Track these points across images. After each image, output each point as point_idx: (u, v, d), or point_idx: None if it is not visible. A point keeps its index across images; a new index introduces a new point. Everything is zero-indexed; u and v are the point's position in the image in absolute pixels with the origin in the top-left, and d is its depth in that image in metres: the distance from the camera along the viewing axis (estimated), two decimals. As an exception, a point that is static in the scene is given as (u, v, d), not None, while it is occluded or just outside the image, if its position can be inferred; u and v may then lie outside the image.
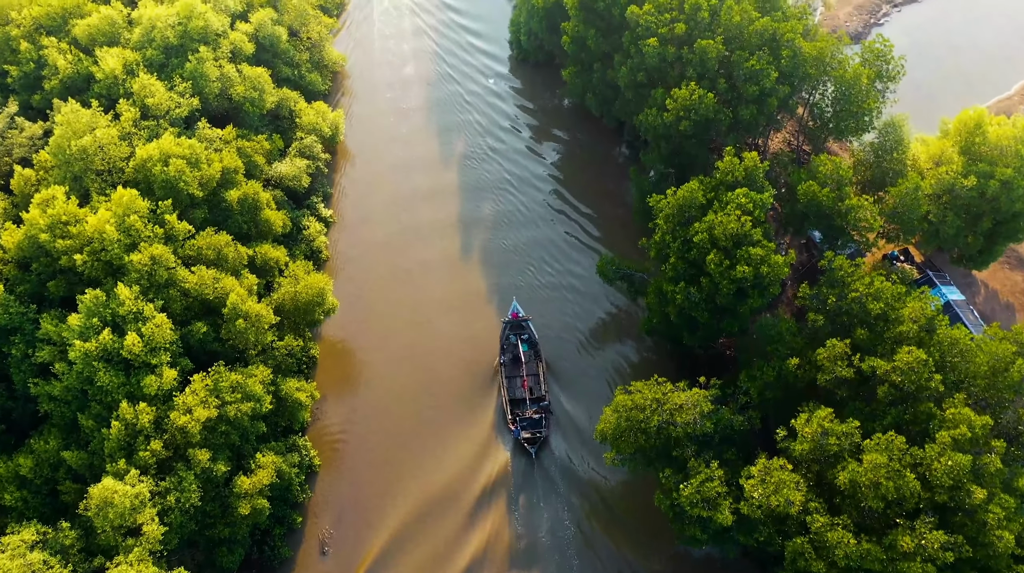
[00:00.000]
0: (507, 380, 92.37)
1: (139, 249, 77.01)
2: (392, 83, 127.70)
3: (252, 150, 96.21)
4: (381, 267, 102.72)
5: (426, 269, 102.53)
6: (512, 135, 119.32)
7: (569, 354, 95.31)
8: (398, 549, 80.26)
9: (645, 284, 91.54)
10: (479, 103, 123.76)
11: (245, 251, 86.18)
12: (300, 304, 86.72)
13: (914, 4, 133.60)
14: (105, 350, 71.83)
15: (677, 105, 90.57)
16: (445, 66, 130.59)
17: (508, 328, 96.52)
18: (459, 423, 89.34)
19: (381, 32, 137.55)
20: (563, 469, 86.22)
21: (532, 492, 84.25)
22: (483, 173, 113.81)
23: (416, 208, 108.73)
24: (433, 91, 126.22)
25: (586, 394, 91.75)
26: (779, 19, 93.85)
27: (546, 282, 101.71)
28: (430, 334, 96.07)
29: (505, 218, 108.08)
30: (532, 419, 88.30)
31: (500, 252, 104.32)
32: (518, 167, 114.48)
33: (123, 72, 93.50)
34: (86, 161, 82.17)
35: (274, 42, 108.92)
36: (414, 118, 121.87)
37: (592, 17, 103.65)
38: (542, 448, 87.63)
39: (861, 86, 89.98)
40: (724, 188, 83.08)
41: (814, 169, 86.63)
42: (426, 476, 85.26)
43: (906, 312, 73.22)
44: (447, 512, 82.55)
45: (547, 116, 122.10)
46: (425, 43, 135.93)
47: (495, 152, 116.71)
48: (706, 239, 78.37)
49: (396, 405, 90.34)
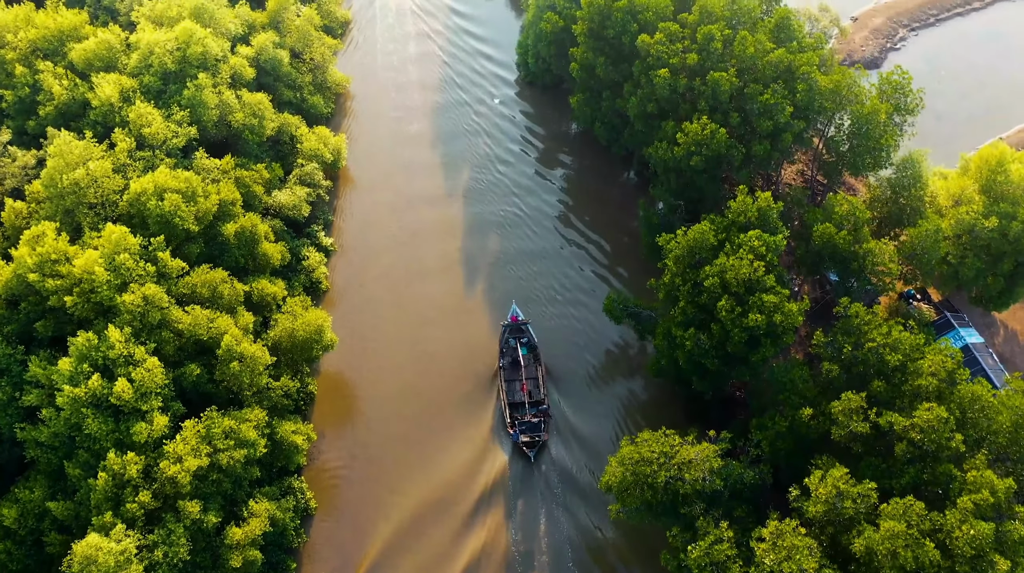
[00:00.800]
0: (506, 384, 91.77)
1: (131, 289, 74.58)
2: (396, 103, 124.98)
3: (251, 180, 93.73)
4: (383, 295, 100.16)
5: (428, 297, 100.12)
6: (519, 158, 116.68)
7: (576, 381, 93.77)
8: (396, 551, 79.80)
9: (653, 323, 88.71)
10: (485, 126, 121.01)
11: (241, 287, 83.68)
12: (298, 342, 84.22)
13: (931, 28, 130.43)
14: (94, 396, 69.41)
15: (688, 139, 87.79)
16: (450, 86, 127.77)
17: (507, 332, 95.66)
18: (458, 427, 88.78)
19: (384, 49, 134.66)
20: (562, 473, 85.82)
21: (530, 496, 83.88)
22: (488, 199, 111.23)
23: (419, 235, 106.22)
24: (438, 112, 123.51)
25: (586, 397, 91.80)
26: (794, 50, 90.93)
27: (555, 311, 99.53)
28: (431, 364, 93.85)
29: (512, 246, 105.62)
30: (531, 423, 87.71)
31: (506, 279, 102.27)
32: (525, 191, 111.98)
33: (119, 100, 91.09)
34: (78, 194, 79.82)
35: (276, 65, 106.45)
36: (418, 140, 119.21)
37: (601, 44, 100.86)
38: (541, 452, 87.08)
39: (879, 121, 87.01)
40: (736, 229, 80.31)
41: (829, 209, 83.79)
42: (424, 480, 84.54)
43: (925, 365, 70.33)
44: (445, 516, 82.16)
45: (554, 140, 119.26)
46: (430, 60, 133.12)
47: (502, 175, 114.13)
48: (717, 284, 75.57)
49: (396, 418, 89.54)
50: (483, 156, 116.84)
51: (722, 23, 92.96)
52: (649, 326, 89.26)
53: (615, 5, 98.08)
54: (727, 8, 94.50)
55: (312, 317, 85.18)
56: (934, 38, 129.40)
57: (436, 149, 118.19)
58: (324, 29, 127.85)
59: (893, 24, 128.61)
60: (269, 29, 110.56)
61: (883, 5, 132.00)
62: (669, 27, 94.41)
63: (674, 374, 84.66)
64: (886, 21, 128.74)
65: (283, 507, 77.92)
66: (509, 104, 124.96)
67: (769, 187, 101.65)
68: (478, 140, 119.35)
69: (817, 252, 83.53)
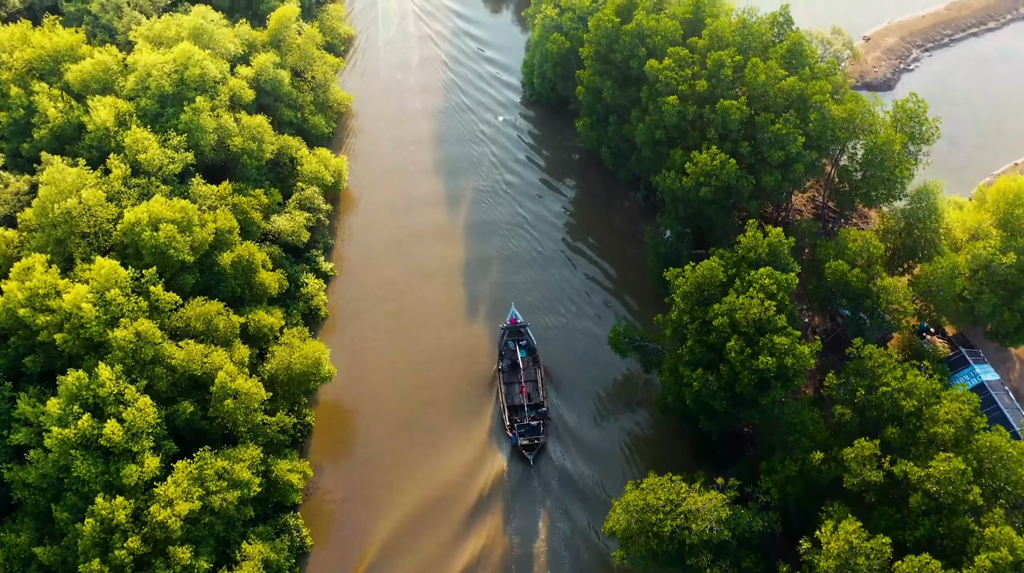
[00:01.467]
0: (505, 386, 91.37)
1: (122, 324, 72.52)
2: (399, 121, 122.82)
3: (249, 206, 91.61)
4: (383, 320, 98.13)
5: (429, 319, 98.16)
6: (523, 179, 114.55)
7: (576, 384, 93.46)
8: (395, 552, 79.84)
9: (660, 356, 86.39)
10: (489, 144, 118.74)
11: (237, 320, 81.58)
12: (295, 375, 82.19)
13: (945, 48, 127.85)
14: (84, 437, 67.39)
15: (697, 170, 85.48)
16: (455, 99, 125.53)
17: (506, 334, 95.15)
18: (457, 430, 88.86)
19: (388, 62, 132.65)
20: (561, 476, 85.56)
21: (529, 499, 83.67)
22: (492, 226, 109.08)
23: (420, 271, 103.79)
24: (441, 131, 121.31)
25: (585, 401, 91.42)
26: (806, 77, 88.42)
27: (557, 323, 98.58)
28: (431, 394, 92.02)
29: (515, 264, 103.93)
30: (530, 425, 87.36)
31: (506, 294, 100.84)
32: (530, 213, 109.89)
33: (115, 124, 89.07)
34: (70, 224, 77.79)
35: (276, 86, 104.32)
36: (420, 160, 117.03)
37: (608, 68, 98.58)
38: (540, 455, 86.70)
39: (893, 151, 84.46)
40: (746, 265, 78.00)
41: (842, 243, 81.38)
42: (423, 482, 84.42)
43: (941, 412, 68.00)
44: (443, 518, 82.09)
45: (559, 159, 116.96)
46: (433, 73, 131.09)
47: (507, 200, 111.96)
48: (726, 323, 73.31)
49: (395, 422, 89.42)
50: (488, 177, 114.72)
51: (732, 49, 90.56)
52: (655, 359, 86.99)
53: (623, 28, 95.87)
54: (738, 33, 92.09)
55: (310, 350, 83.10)
56: (948, 59, 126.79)
57: (439, 169, 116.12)
58: (327, 46, 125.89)
59: (906, 44, 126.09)
60: (270, 48, 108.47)
61: (896, 25, 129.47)
62: (678, 52, 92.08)
63: (681, 411, 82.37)
64: (899, 41, 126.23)
65: (277, 547, 75.87)
66: (514, 123, 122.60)
67: (779, 214, 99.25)
68: (482, 159, 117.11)
69: (829, 288, 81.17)
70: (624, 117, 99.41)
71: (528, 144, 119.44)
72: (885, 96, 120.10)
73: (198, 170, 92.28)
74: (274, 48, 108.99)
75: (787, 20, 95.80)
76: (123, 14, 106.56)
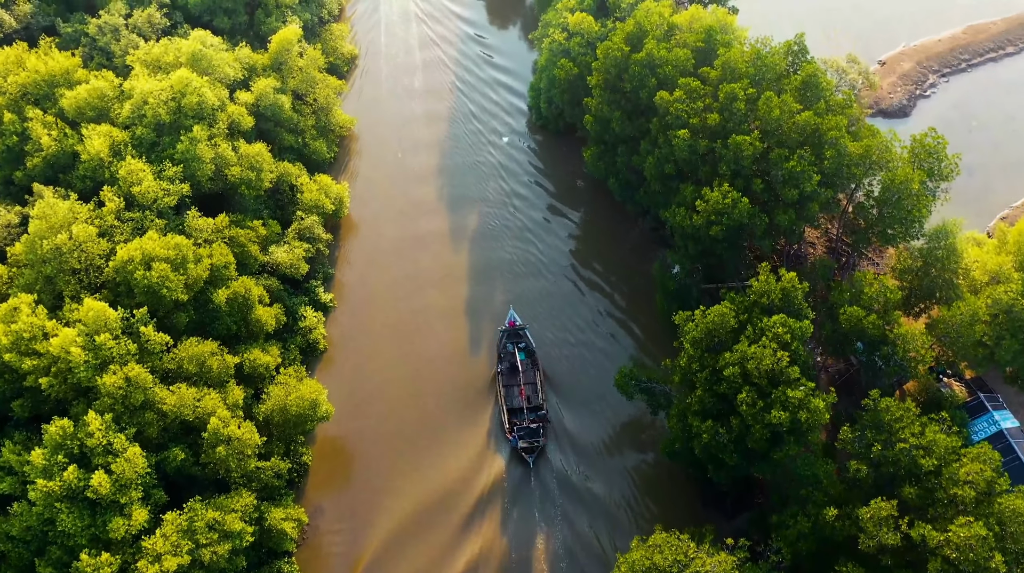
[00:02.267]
0: (504, 389, 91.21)
1: (112, 369, 70.08)
2: (402, 143, 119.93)
3: (246, 238, 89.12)
4: (384, 353, 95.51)
5: (432, 350, 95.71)
6: (529, 202, 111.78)
7: (575, 386, 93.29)
8: (393, 554, 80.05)
9: (668, 398, 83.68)
10: (496, 177, 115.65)
11: (232, 360, 79.02)
12: (290, 417, 79.67)
13: (963, 74, 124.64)
14: (69, 489, 64.96)
15: (708, 208, 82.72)
16: (460, 131, 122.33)
17: (505, 336, 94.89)
18: (456, 433, 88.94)
19: (391, 80, 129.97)
20: (560, 479, 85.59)
21: (528, 502, 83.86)
22: (497, 244, 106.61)
23: (424, 288, 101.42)
24: (445, 150, 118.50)
25: (584, 404, 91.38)
26: (821, 111, 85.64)
27: (565, 351, 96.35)
28: (435, 430, 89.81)
29: (524, 299, 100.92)
30: (530, 428, 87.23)
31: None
32: (536, 238, 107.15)
33: (109, 154, 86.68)
34: (60, 261, 75.36)
35: (276, 111, 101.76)
36: (424, 186, 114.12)
37: (617, 98, 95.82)
38: (539, 457, 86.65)
39: (911, 190, 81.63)
40: (758, 310, 75.23)
41: (858, 287, 78.55)
42: (421, 485, 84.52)
43: (962, 472, 65.15)
44: (442, 521, 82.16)
45: (565, 185, 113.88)
46: (438, 89, 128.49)
47: (511, 220, 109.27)
48: (737, 374, 70.53)
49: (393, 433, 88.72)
50: (494, 204, 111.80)
51: (745, 81, 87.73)
52: (663, 402, 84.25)
53: (633, 57, 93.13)
54: (751, 64, 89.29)
55: (306, 390, 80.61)
56: (965, 85, 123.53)
57: (443, 191, 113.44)
58: (330, 67, 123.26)
59: (922, 69, 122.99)
60: (271, 72, 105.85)
61: (912, 49, 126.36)
62: (689, 83, 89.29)
63: (689, 459, 79.57)
64: (915, 66, 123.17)
65: (271, 602, 73.45)
66: (519, 144, 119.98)
67: (791, 249, 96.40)
68: (487, 183, 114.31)
69: (844, 333, 78.32)
70: (633, 148, 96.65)
71: (534, 167, 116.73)
72: (901, 123, 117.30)
73: (195, 200, 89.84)
74: (275, 72, 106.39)
75: (802, 49, 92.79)
76: (121, 37, 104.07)
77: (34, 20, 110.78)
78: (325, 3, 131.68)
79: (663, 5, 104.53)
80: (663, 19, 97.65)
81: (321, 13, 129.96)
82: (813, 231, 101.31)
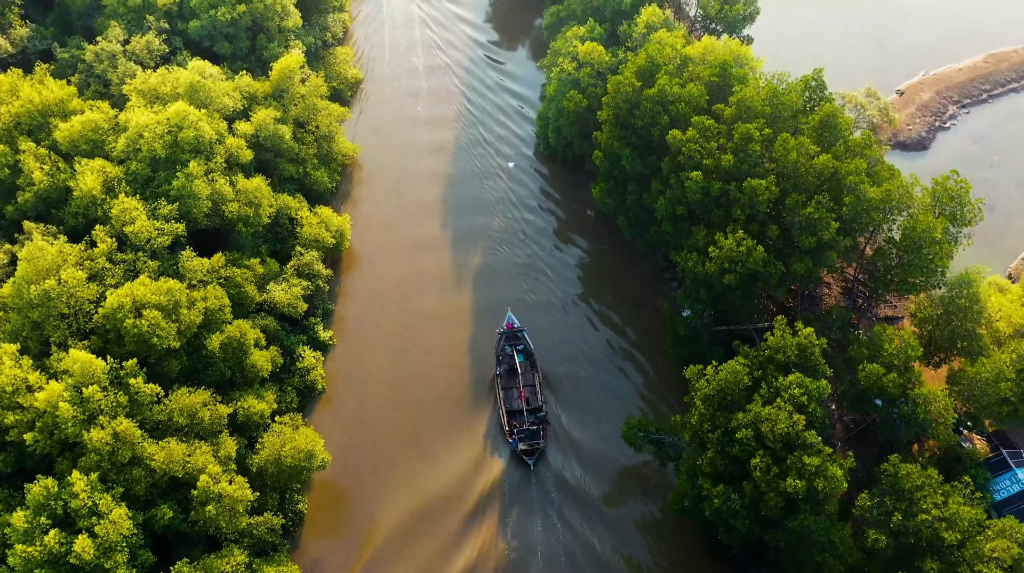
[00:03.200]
0: (503, 391, 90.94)
1: (99, 422, 67.35)
2: (408, 172, 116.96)
3: (242, 278, 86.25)
4: (384, 392, 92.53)
5: (433, 395, 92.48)
6: (537, 229, 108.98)
7: (574, 388, 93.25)
8: (391, 555, 79.94)
9: (677, 451, 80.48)
10: (501, 198, 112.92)
11: (225, 410, 76.12)
12: (284, 468, 76.76)
13: (983, 105, 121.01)
14: (51, 554, 62.17)
15: (722, 255, 79.50)
16: (466, 168, 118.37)
17: (503, 339, 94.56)
18: (454, 435, 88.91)
19: (396, 114, 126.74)
20: (559, 482, 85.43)
21: (527, 505, 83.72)
22: (503, 279, 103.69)
23: (424, 330, 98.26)
24: (450, 184, 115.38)
25: (582, 406, 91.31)
26: (840, 153, 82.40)
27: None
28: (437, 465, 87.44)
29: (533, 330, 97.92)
30: (529, 430, 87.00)
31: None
32: (539, 272, 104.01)
33: (102, 191, 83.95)
34: (48, 307, 72.63)
35: (276, 142, 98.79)
36: (429, 215, 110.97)
37: (628, 134, 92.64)
38: (539, 460, 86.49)
39: (933, 238, 78.37)
40: (773, 367, 72.03)
41: (877, 342, 75.32)
42: (420, 487, 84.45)
43: (987, 548, 62.14)
44: (441, 523, 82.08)
45: (573, 215, 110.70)
46: (444, 134, 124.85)
47: (516, 255, 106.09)
48: (751, 436, 67.38)
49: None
50: (500, 228, 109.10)
51: (761, 121, 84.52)
52: (673, 453, 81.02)
53: (644, 93, 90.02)
54: (767, 103, 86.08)
55: (302, 441, 77.66)
56: (986, 116, 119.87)
57: (447, 220, 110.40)
58: (333, 92, 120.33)
59: (942, 100, 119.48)
60: (271, 100, 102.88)
61: (932, 78, 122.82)
62: (703, 122, 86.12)
63: (699, 519, 76.37)
64: (934, 96, 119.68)
65: (262, 661, 70.52)
66: (527, 170, 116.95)
67: (805, 291, 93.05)
68: (493, 211, 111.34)
69: (862, 390, 75.03)
70: (644, 186, 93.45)
71: (543, 192, 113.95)
72: (919, 157, 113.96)
73: (191, 236, 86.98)
74: (276, 100, 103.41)
75: (819, 84, 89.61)
76: (118, 64, 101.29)
77: (30, 44, 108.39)
78: (329, 26, 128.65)
79: (675, 35, 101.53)
80: (676, 52, 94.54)
81: (325, 36, 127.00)
82: (828, 272, 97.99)
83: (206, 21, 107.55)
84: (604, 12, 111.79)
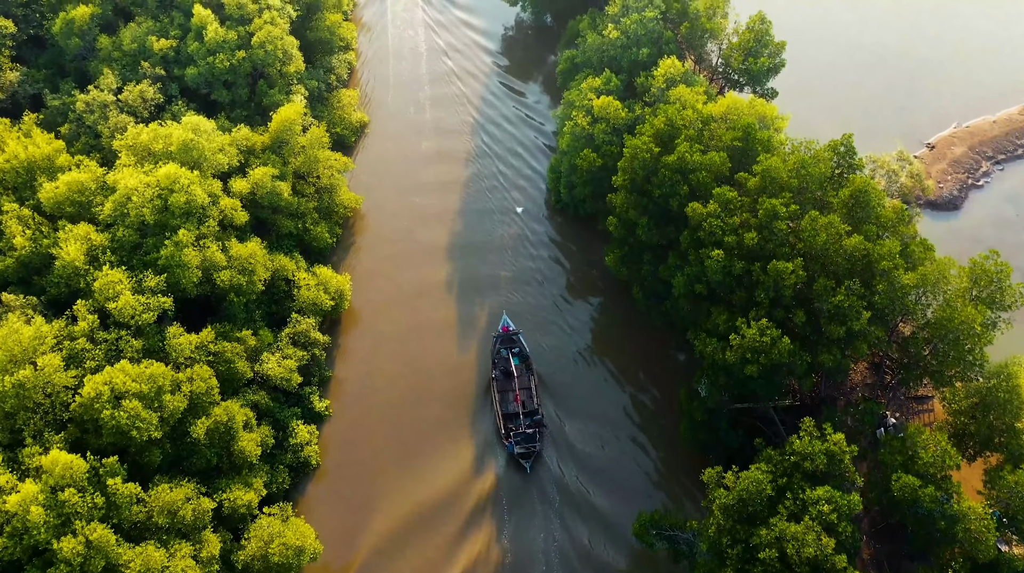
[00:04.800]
0: (499, 394, 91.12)
1: (74, 525, 62.64)
2: (413, 221, 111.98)
3: (233, 353, 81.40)
4: (386, 469, 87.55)
5: (436, 484, 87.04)
6: (549, 285, 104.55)
7: (571, 390, 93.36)
8: (388, 558, 79.87)
9: (692, 549, 75.18)
10: (512, 245, 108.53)
11: (208, 504, 71.26)
12: (272, 565, 71.91)
13: (1019, 161, 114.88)
14: None
15: (744, 344, 74.08)
16: (474, 202, 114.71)
17: (499, 342, 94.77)
18: (451, 437, 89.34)
19: (401, 153, 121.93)
20: (557, 484, 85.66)
21: (524, 508, 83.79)
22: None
23: (426, 403, 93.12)
24: (457, 233, 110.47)
25: (581, 408, 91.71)
26: (871, 233, 76.89)
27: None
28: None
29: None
30: (526, 433, 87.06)
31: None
32: (543, 332, 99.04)
33: (85, 262, 79.27)
34: (21, 398, 67.91)
35: (275, 199, 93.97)
36: (435, 267, 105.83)
37: (645, 202, 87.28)
38: (536, 462, 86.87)
39: (971, 330, 72.92)
40: (800, 476, 66.67)
41: (911, 447, 69.78)
42: (418, 490, 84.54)
43: None
44: (438, 528, 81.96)
45: (584, 276, 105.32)
46: (451, 169, 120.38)
47: (534, 304, 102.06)
48: (775, 557, 62.04)
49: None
50: (509, 279, 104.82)
51: (787, 195, 79.20)
52: (686, 552, 75.75)
53: (663, 160, 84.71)
54: (794, 174, 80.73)
55: (291, 536, 72.86)
56: (1022, 174, 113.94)
57: (454, 274, 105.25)
58: (337, 138, 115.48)
59: (975, 156, 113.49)
60: (270, 153, 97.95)
61: (964, 131, 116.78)
62: (724, 194, 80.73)
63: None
64: (967, 151, 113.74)
65: None
66: (538, 217, 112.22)
67: (827, 384, 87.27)
68: (502, 261, 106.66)
69: (894, 501, 69.46)
70: (660, 257, 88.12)
71: (552, 241, 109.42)
72: (951, 217, 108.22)
73: (179, 305, 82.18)
74: (275, 153, 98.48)
75: (849, 150, 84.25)
76: (109, 115, 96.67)
77: (21, 88, 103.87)
78: (334, 67, 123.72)
79: (696, 91, 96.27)
80: (697, 114, 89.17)
81: (329, 79, 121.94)
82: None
83: (204, 68, 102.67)
84: (620, 62, 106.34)
